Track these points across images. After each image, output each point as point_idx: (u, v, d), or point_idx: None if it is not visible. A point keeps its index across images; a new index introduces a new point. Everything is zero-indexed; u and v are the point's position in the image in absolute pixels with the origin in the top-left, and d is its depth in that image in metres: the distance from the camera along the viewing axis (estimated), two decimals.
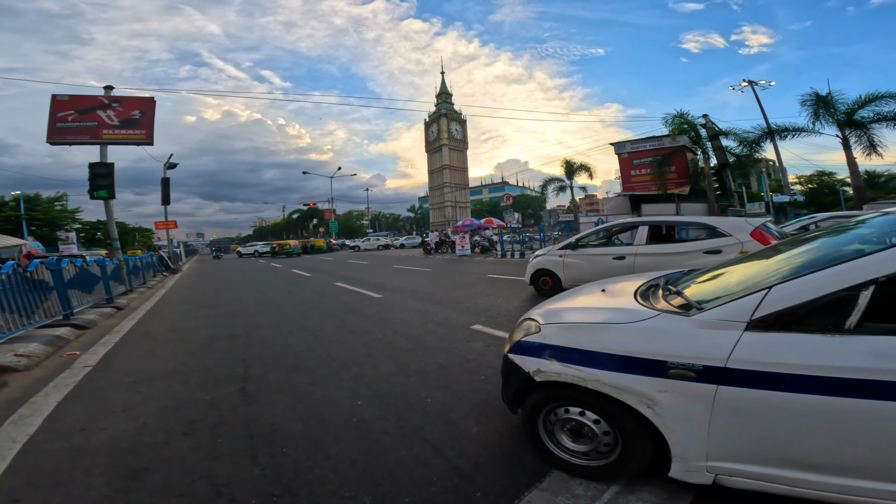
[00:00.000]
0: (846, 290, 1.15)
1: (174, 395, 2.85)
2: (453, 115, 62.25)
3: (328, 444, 2.09)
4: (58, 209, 33.82)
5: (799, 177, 30.85)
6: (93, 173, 12.50)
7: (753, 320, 1.25)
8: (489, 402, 2.50)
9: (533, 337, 1.82)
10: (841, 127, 15.19)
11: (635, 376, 1.41)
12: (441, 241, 22.89)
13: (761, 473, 1.32)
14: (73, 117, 14.08)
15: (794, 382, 1.17)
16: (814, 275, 1.22)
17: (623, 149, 23.39)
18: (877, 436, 1.14)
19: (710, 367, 1.26)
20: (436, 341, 4.01)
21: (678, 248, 4.76)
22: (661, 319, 1.49)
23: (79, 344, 4.57)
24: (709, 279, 1.76)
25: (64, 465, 1.99)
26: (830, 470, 1.22)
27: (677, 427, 1.38)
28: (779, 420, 1.23)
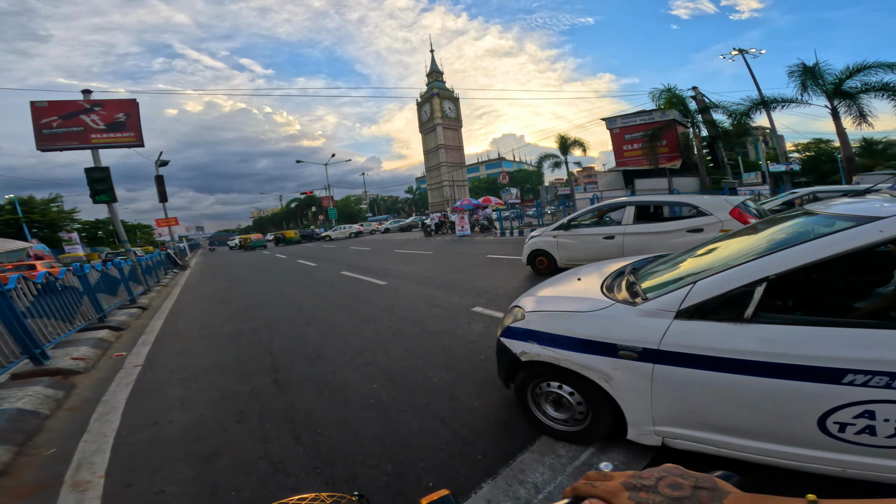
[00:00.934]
0: (746, 286, 1.45)
1: (219, 388, 3.30)
2: (445, 93, 60.88)
3: (353, 423, 2.52)
4: (55, 210, 34.10)
5: (796, 145, 30.48)
6: (90, 178, 12.73)
7: (680, 310, 1.57)
8: (488, 379, 2.91)
9: (519, 323, 2.15)
10: (829, 97, 15.19)
11: (595, 356, 1.76)
12: (441, 222, 23.15)
13: (695, 436, 1.61)
14: (57, 123, 14.12)
15: (707, 362, 1.47)
16: (724, 272, 1.53)
17: (614, 124, 23.26)
18: (764, 406, 1.43)
19: (648, 348, 1.60)
20: (439, 325, 4.43)
21: (662, 227, 5.06)
22: (614, 308, 1.82)
23: (121, 345, 5.06)
24: (660, 270, 2.09)
25: (151, 453, 2.39)
26: (740, 433, 1.51)
27: (628, 398, 1.71)
28: (699, 392, 1.54)
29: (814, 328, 1.36)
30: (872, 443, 1.29)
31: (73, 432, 2.73)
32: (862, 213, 1.39)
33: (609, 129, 23.60)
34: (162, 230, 28.17)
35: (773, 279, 1.42)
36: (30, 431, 2.71)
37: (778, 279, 1.43)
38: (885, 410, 1.24)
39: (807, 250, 1.38)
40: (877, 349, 1.23)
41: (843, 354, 1.28)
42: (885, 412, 1.24)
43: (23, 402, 2.97)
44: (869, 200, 1.62)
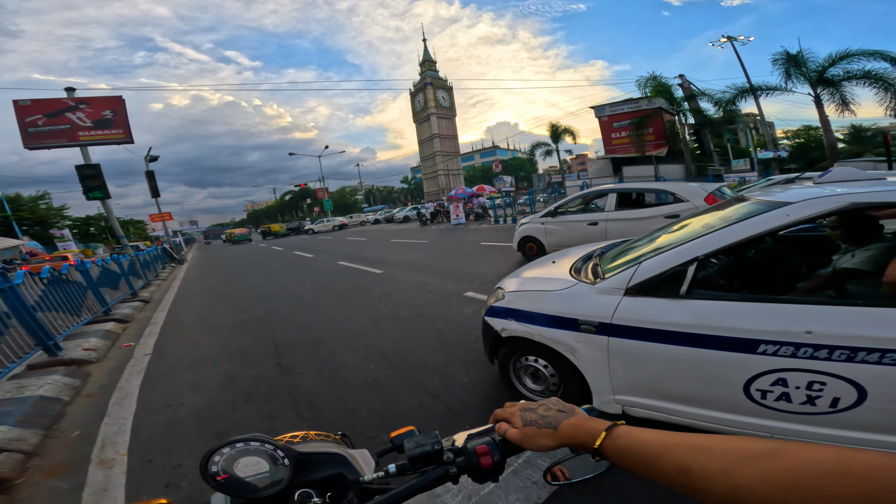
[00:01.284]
0: (680, 265, 1.65)
1: (226, 372, 3.54)
2: (439, 82, 60.28)
3: (352, 400, 2.76)
4: (44, 208, 33.81)
5: (786, 132, 30.71)
6: (82, 175, 12.74)
7: (628, 288, 1.77)
8: (477, 357, 3.15)
9: (500, 302, 2.35)
10: (812, 85, 15.37)
11: (561, 331, 1.98)
12: (436, 211, 23.28)
13: (648, 404, 1.76)
14: (43, 121, 14.03)
15: (650, 334, 1.65)
16: (663, 254, 1.72)
17: (602, 112, 23.51)
18: (698, 375, 1.58)
19: (603, 322, 1.80)
20: (433, 310, 4.67)
21: (642, 213, 5.29)
22: (577, 287, 2.03)
23: (128, 336, 5.28)
24: (621, 253, 2.30)
25: (168, 432, 2.62)
26: (683, 401, 1.66)
27: (590, 369, 1.89)
28: (645, 363, 1.70)
29: (734, 303, 1.55)
30: (790, 409, 1.44)
31: (94, 416, 2.96)
32: (777, 200, 1.57)
33: (598, 117, 23.87)
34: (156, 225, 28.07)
35: (703, 259, 1.62)
36: (54, 416, 2.94)
37: (705, 259, 1.64)
38: (794, 378, 1.39)
39: (728, 233, 1.57)
40: (783, 322, 1.41)
41: (756, 327, 1.44)
42: (794, 380, 1.40)
43: (43, 390, 3.18)
44: (794, 187, 1.81)
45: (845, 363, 1.32)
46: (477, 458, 0.58)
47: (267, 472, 0.57)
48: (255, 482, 0.57)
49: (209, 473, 0.55)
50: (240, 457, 0.58)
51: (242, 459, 0.58)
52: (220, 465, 0.56)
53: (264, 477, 0.57)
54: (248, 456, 0.58)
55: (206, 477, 0.55)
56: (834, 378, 1.34)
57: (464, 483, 1.82)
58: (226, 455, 0.57)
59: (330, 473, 0.62)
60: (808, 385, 1.39)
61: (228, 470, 0.56)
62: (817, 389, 1.38)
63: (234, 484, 0.56)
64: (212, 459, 0.57)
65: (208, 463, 0.56)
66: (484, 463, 0.58)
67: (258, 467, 0.57)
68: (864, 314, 1.34)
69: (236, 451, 0.58)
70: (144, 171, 19.52)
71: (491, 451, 0.59)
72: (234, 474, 0.56)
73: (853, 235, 1.90)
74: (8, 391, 3.16)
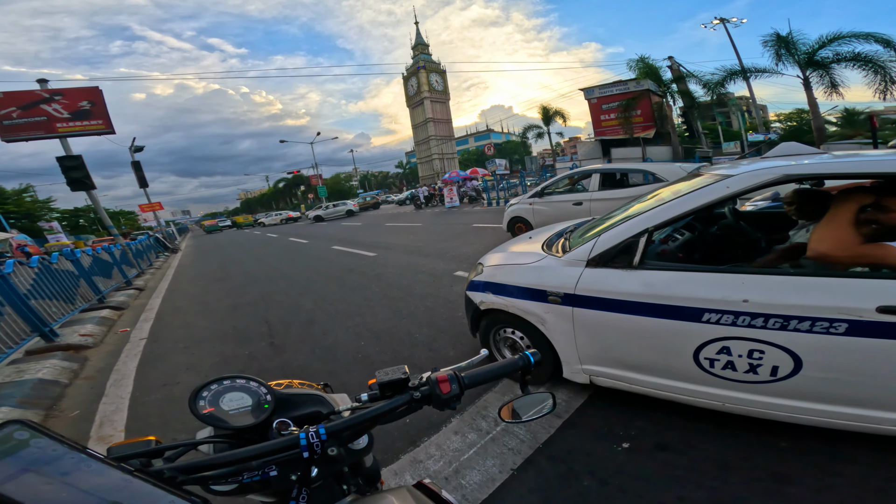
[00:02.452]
0: (633, 237, 1.68)
1: (220, 353, 3.66)
2: (432, 66, 58.96)
3: (342, 374, 2.89)
4: (29, 200, 33.21)
5: (778, 115, 30.60)
6: (64, 167, 12.52)
7: (589, 259, 1.80)
8: (463, 332, 3.26)
9: (480, 277, 2.43)
10: (802, 67, 15.28)
11: (532, 302, 2.06)
12: (430, 194, 23.19)
13: (612, 374, 1.82)
14: (17, 114, 13.66)
15: (608, 304, 1.72)
16: (619, 227, 1.79)
17: (592, 94, 23.42)
18: (652, 343, 1.63)
19: (568, 293, 1.88)
20: (424, 288, 4.79)
21: (624, 193, 5.37)
22: (546, 260, 2.11)
23: (124, 322, 5.38)
24: (589, 229, 2.38)
25: (163, 409, 2.74)
26: (642, 370, 1.73)
27: (558, 339, 1.96)
28: (606, 332, 1.76)
29: (680, 273, 1.62)
30: (736, 378, 1.49)
31: (92, 397, 3.07)
32: (723, 173, 1.62)
33: (587, 100, 23.83)
34: (147, 215, 27.71)
35: (652, 230, 1.68)
36: (54, 397, 3.05)
37: (654, 230, 1.71)
38: (736, 346, 1.43)
39: (675, 205, 1.64)
40: (722, 290, 1.47)
41: (699, 295, 1.49)
42: (737, 348, 1.43)
43: (42, 373, 3.29)
44: (746, 162, 1.88)
45: (780, 331, 1.36)
46: (438, 387, 0.64)
47: (249, 407, 0.63)
48: (238, 415, 0.62)
49: (197, 407, 0.61)
50: (225, 392, 0.63)
51: (228, 395, 0.63)
52: (208, 399, 0.62)
53: (246, 411, 0.62)
54: (233, 392, 0.64)
55: (193, 409, 0.61)
56: (771, 346, 1.39)
57: (445, 449, 1.95)
58: (213, 391, 0.63)
59: (308, 411, 0.68)
60: (749, 353, 1.44)
61: (214, 404, 0.62)
62: (757, 358, 1.43)
63: (217, 417, 0.61)
64: (200, 394, 0.62)
65: (196, 397, 0.62)
66: (444, 389, 0.64)
67: (241, 402, 0.63)
68: (796, 283, 1.39)
69: (223, 388, 0.64)
70: (130, 162, 19.17)
71: (450, 380, 0.65)
72: (220, 407, 0.62)
73: (807, 211, 1.96)
74: (8, 375, 3.27)
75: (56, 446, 0.41)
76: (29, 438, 0.40)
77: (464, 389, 0.66)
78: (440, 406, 0.65)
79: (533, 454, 1.80)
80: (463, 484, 1.70)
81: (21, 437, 0.40)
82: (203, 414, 0.61)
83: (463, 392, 0.66)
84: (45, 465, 0.39)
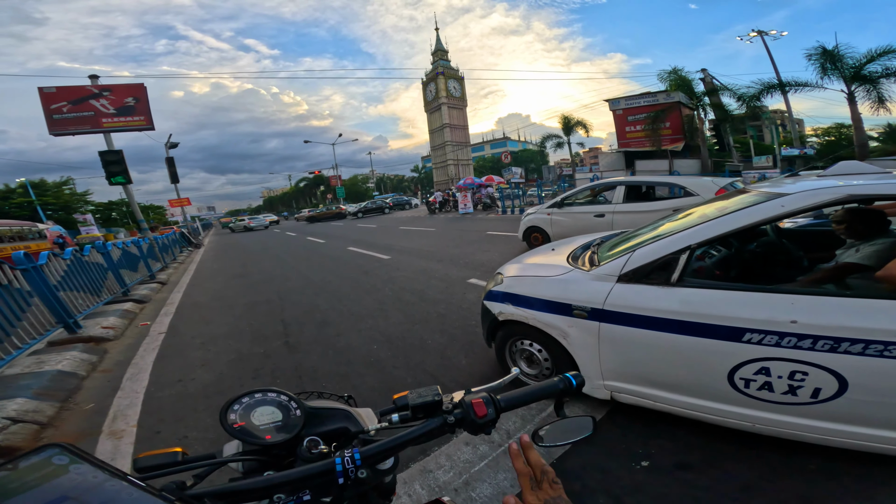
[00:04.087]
0: (673, 253, 1.66)
1: (236, 350, 3.69)
2: (450, 72, 59.79)
3: (353, 377, 2.87)
4: (68, 193, 34.90)
5: (815, 129, 29.51)
6: (105, 161, 13.07)
7: (621, 275, 1.79)
8: (476, 341, 3.22)
9: (499, 287, 2.40)
10: (847, 82, 14.80)
11: (555, 315, 2.01)
12: (444, 200, 23.25)
13: (636, 391, 1.79)
14: (67, 108, 14.37)
15: (640, 321, 1.68)
16: (657, 242, 1.73)
17: (617, 105, 23.24)
18: (685, 362, 1.60)
19: (595, 308, 1.83)
20: (437, 294, 4.74)
21: (650, 206, 5.21)
22: (572, 273, 2.06)
23: (145, 315, 5.52)
24: (619, 242, 2.30)
25: (176, 405, 2.75)
26: (670, 388, 1.69)
27: (581, 354, 1.93)
28: (635, 349, 1.72)
29: (722, 291, 1.55)
30: (772, 399, 1.45)
31: (108, 390, 3.11)
32: (776, 191, 1.56)
33: (612, 111, 23.62)
34: (175, 210, 28.79)
35: (695, 248, 1.63)
36: (70, 390, 3.09)
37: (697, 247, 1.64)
38: (777, 367, 1.40)
39: (722, 223, 1.57)
40: (769, 310, 1.42)
41: (742, 315, 1.45)
42: (777, 369, 1.41)
43: (62, 365, 3.34)
44: (799, 180, 1.78)
45: (828, 353, 1.32)
46: (473, 410, 0.62)
47: (280, 422, 0.62)
48: (268, 430, 0.61)
49: (227, 420, 0.60)
50: (257, 406, 0.63)
51: (259, 409, 0.63)
52: (239, 413, 0.61)
53: (276, 426, 0.61)
54: (264, 406, 0.63)
55: (224, 423, 0.60)
56: (816, 368, 1.35)
57: (455, 460, 1.89)
58: (244, 404, 0.63)
59: (336, 427, 0.67)
60: (790, 375, 1.40)
61: (245, 418, 0.61)
62: (799, 379, 1.38)
63: (248, 431, 0.60)
64: (231, 408, 0.62)
65: (227, 411, 0.61)
66: (479, 413, 0.61)
67: (272, 416, 0.62)
68: (851, 305, 1.34)
69: (254, 401, 0.63)
70: (165, 158, 19.94)
71: (486, 403, 0.63)
72: (250, 422, 0.61)
73: (858, 230, 1.88)
74: (28, 366, 3.33)
75: (96, 473, 0.40)
76: (68, 464, 0.39)
77: (500, 413, 0.63)
78: (474, 430, 0.62)
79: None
80: (473, 497, 1.65)
81: (60, 461, 0.39)
82: (234, 428, 0.60)
83: (499, 416, 0.63)
84: (85, 493, 0.37)
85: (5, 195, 30.90)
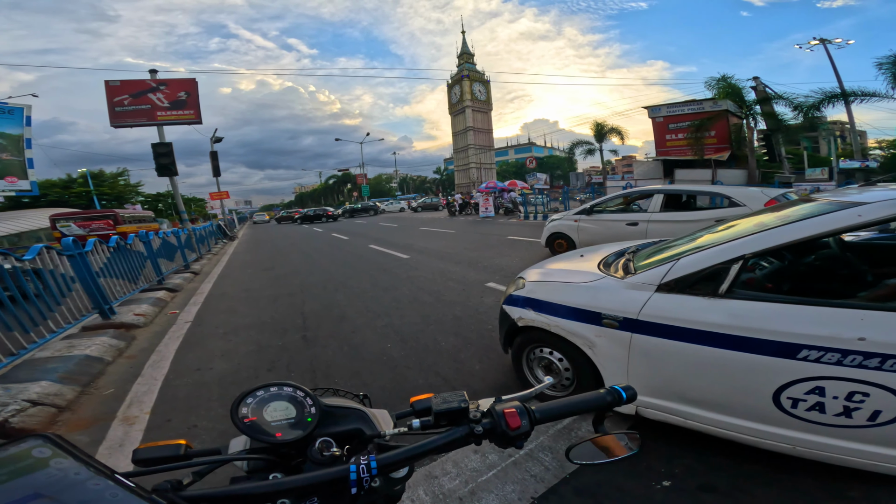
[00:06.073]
0: (723, 263, 1.50)
1: (256, 342, 3.74)
2: (476, 75, 59.81)
3: (366, 374, 2.83)
4: (122, 184, 37.50)
5: (879, 141, 27.07)
6: (156, 153, 13.96)
7: (662, 284, 1.63)
8: (491, 346, 3.10)
9: (520, 291, 2.29)
10: None
11: (581, 323, 1.87)
12: (465, 202, 23.16)
13: (665, 406, 1.68)
14: (128, 101, 15.46)
15: (680, 333, 1.54)
16: (705, 251, 1.57)
17: (658, 112, 22.60)
18: (726, 378, 1.48)
19: (628, 318, 1.68)
20: (453, 296, 4.65)
21: (690, 216, 4.87)
22: (604, 281, 1.91)
23: (175, 304, 5.76)
24: (657, 251, 2.12)
25: (192, 394, 2.77)
26: (704, 405, 1.56)
27: (607, 365, 1.81)
28: (669, 362, 1.60)
29: (780, 305, 1.39)
30: (822, 420, 1.33)
31: (129, 376, 3.18)
32: (850, 200, 1.39)
33: (651, 118, 22.97)
34: (214, 203, 30.36)
35: (749, 257, 1.47)
36: (94, 374, 3.16)
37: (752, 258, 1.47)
38: (834, 387, 1.27)
39: (785, 232, 1.41)
40: (832, 326, 1.26)
41: (800, 330, 1.31)
42: (834, 389, 1.28)
43: (90, 350, 3.45)
44: (873, 189, 1.57)
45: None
46: (504, 420, 0.55)
47: (293, 419, 0.58)
48: (280, 427, 0.57)
49: (238, 414, 0.56)
50: (271, 401, 0.59)
51: (273, 403, 0.58)
52: (252, 407, 0.57)
53: (289, 423, 0.57)
54: (278, 401, 0.59)
55: (235, 417, 0.56)
56: (881, 389, 1.20)
57: (462, 467, 1.79)
58: (258, 398, 0.58)
59: (350, 428, 0.62)
60: (847, 395, 1.25)
61: (257, 413, 0.57)
62: (858, 401, 1.24)
63: (258, 427, 0.56)
64: (244, 401, 0.57)
65: (240, 404, 0.57)
66: (512, 424, 0.55)
67: (286, 412, 0.58)
68: None
69: (269, 395, 0.59)
70: (210, 151, 21.10)
71: (520, 414, 0.56)
72: (262, 417, 0.57)
73: None
74: (59, 349, 3.46)
75: (80, 469, 0.36)
76: (50, 457, 0.36)
77: (534, 425, 0.57)
78: (504, 444, 0.56)
79: (558, 484, 1.64)
80: None
81: (41, 454, 0.36)
82: (245, 423, 0.56)
83: (533, 428, 0.56)
84: (62, 491, 0.34)
85: (66, 184, 33.64)
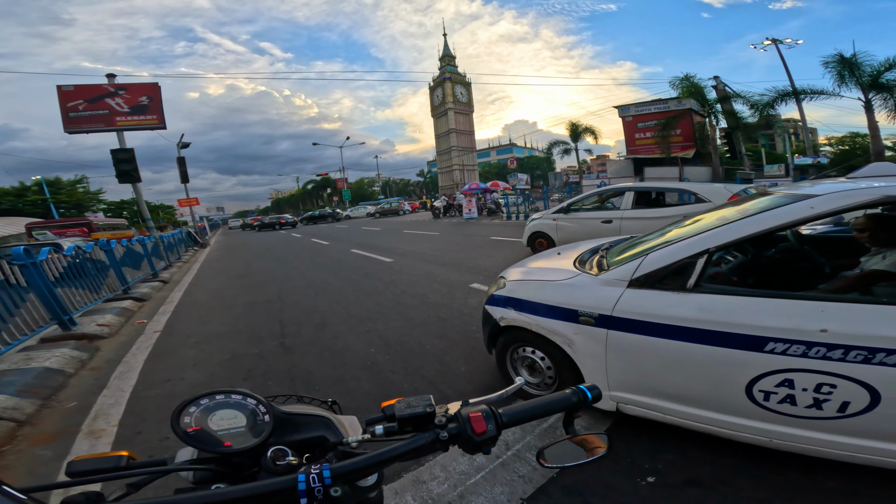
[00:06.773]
0: (689, 257, 1.54)
1: (230, 350, 3.60)
2: (458, 78, 60.50)
3: (349, 381, 2.76)
4: (81, 191, 35.39)
5: (829, 138, 29.31)
6: (116, 159, 13.22)
7: (632, 280, 1.67)
8: (477, 347, 3.10)
9: (501, 291, 2.30)
10: (864, 90, 14.63)
11: (560, 321, 1.90)
12: (449, 204, 23.24)
13: (643, 402, 1.69)
14: (83, 106, 14.58)
15: (651, 328, 1.57)
16: (672, 246, 1.62)
17: (627, 112, 23.11)
18: (699, 372, 1.51)
19: (603, 315, 1.71)
20: (438, 298, 4.64)
21: (660, 212, 5.07)
22: (579, 278, 1.94)
23: (143, 314, 5.46)
24: (629, 247, 2.18)
25: (162, 405, 2.63)
26: (681, 400, 1.59)
27: (586, 362, 1.82)
28: (645, 358, 1.62)
29: (745, 298, 1.44)
30: (794, 413, 1.36)
31: (93, 388, 3.00)
32: (803, 192, 1.45)
33: (622, 117, 23.48)
34: (183, 210, 29.10)
35: (714, 251, 1.51)
36: (55, 387, 2.97)
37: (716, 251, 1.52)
38: (802, 379, 1.31)
39: (744, 225, 1.46)
40: (795, 319, 1.31)
41: (766, 323, 1.35)
42: (802, 381, 1.31)
43: (50, 362, 3.25)
44: (824, 182, 1.67)
45: (861, 365, 1.22)
46: (470, 425, 0.53)
47: (243, 427, 0.54)
48: (228, 437, 0.53)
49: (180, 424, 0.52)
50: (217, 409, 0.55)
51: (220, 412, 0.55)
52: (195, 416, 0.54)
53: (238, 431, 0.54)
54: (226, 409, 0.55)
55: (176, 427, 0.52)
56: (846, 380, 1.25)
57: (450, 471, 1.78)
58: (203, 406, 0.55)
59: (311, 435, 0.59)
60: (816, 387, 1.29)
61: (202, 422, 0.53)
62: (826, 392, 1.28)
63: (203, 437, 0.52)
64: (186, 410, 0.54)
65: (181, 413, 0.53)
66: (477, 429, 0.53)
67: (234, 421, 0.54)
68: (886, 313, 1.24)
69: (214, 403, 0.55)
70: (177, 157, 20.21)
71: (485, 418, 0.54)
72: (208, 426, 0.53)
73: (882, 238, 1.77)
74: (15, 362, 3.25)
75: None
76: None
77: (501, 429, 0.55)
78: (471, 449, 0.54)
79: (546, 483, 1.65)
80: None
81: None
82: (187, 434, 0.52)
83: (500, 433, 0.55)
84: None
85: (20, 192, 31.43)
